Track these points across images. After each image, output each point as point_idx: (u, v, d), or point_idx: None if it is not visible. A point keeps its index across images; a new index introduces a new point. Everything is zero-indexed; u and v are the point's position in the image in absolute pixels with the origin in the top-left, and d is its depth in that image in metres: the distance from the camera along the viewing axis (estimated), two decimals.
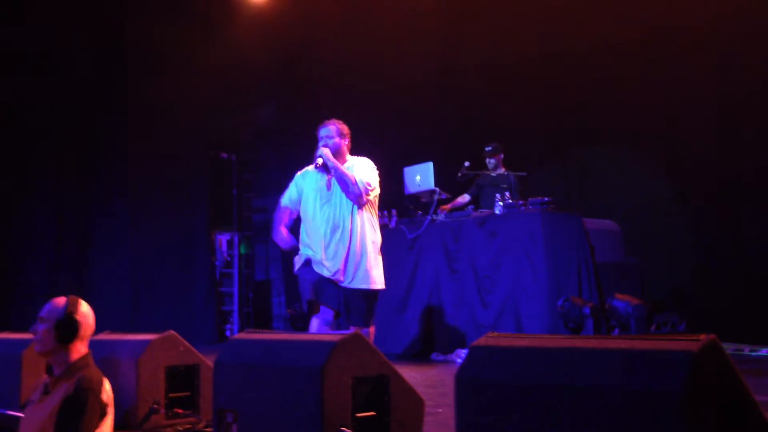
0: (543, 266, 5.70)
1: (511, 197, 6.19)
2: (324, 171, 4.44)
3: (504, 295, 5.87)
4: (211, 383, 2.81)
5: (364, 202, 4.40)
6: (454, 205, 6.80)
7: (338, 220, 4.36)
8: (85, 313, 2.80)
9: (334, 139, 4.43)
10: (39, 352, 2.79)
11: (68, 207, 8.67)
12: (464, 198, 6.91)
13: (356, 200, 4.36)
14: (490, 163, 6.83)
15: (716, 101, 6.84)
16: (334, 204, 4.39)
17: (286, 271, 9.91)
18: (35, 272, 8.35)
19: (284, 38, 9.30)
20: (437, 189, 6.40)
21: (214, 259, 9.60)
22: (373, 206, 4.53)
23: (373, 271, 4.40)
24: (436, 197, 6.42)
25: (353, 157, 4.54)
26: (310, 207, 4.46)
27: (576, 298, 5.52)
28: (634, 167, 7.70)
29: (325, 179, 4.44)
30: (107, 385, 2.73)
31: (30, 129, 8.51)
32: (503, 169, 6.82)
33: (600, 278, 5.95)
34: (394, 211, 6.82)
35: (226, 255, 10.16)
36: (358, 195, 4.34)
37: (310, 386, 2.27)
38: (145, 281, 8.69)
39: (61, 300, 2.80)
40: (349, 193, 4.34)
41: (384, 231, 4.90)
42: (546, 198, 5.93)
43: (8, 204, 8.47)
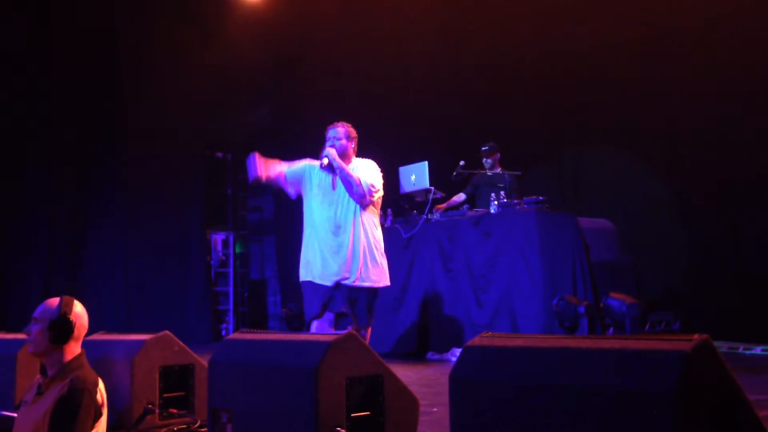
0: (538, 265, 5.70)
1: (507, 196, 6.20)
2: (329, 171, 4.51)
3: (499, 294, 5.87)
4: (205, 383, 2.81)
5: (368, 203, 4.49)
6: (450, 204, 6.80)
7: (341, 220, 4.45)
8: (79, 314, 2.79)
9: (341, 140, 4.52)
10: (33, 353, 2.78)
11: (62, 207, 8.65)
12: (459, 197, 6.92)
13: (359, 200, 4.45)
14: (487, 162, 6.82)
15: (712, 100, 6.84)
16: (338, 204, 4.48)
17: (282, 271, 9.91)
18: (29, 272, 8.33)
19: (280, 38, 9.28)
20: (432, 188, 6.41)
21: (209, 258, 9.59)
22: (376, 207, 4.62)
23: (376, 270, 4.50)
24: (431, 196, 6.42)
25: (358, 159, 4.62)
26: (314, 206, 4.54)
27: (571, 297, 5.52)
28: (628, 166, 7.71)
29: (330, 179, 4.53)
30: (101, 385, 2.72)
31: (23, 129, 8.49)
32: (499, 168, 6.82)
33: (595, 277, 5.96)
34: (389, 211, 6.82)
35: (221, 254, 10.15)
36: (362, 195, 4.43)
37: (304, 387, 2.27)
38: (140, 281, 8.67)
39: (55, 300, 2.79)
40: (353, 194, 4.44)
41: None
42: (541, 197, 5.94)
43: (1, 204, 8.44)
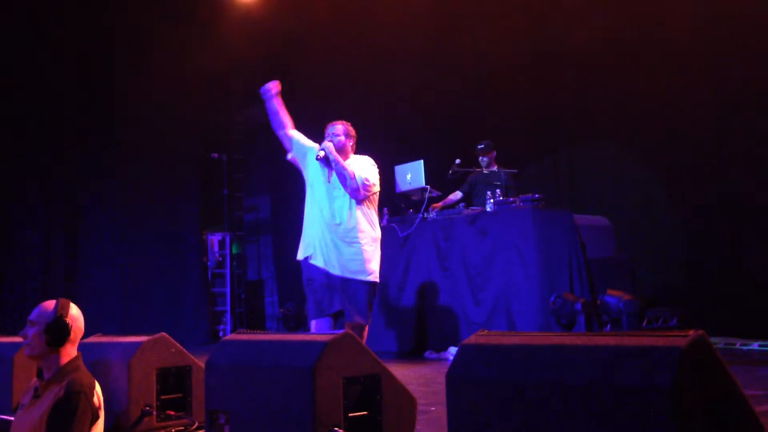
0: (534, 263, 5.71)
1: (503, 194, 6.20)
2: (325, 164, 4.59)
3: (496, 292, 5.88)
4: (203, 385, 2.81)
5: (362, 197, 4.56)
6: (446, 202, 6.80)
7: (335, 213, 4.53)
8: (75, 316, 2.79)
9: (339, 137, 4.62)
10: (29, 356, 2.78)
11: (57, 208, 8.63)
12: (456, 195, 6.91)
13: (353, 194, 4.53)
14: (483, 161, 6.81)
15: (709, 97, 6.86)
16: (333, 197, 4.56)
17: (279, 271, 9.91)
18: (25, 275, 8.31)
19: (275, 37, 9.27)
20: (428, 187, 6.41)
21: (206, 259, 9.57)
22: (372, 202, 4.69)
23: (369, 264, 4.55)
24: (427, 195, 6.42)
25: (355, 156, 4.71)
26: (309, 197, 4.66)
27: (568, 294, 5.53)
28: (624, 163, 7.73)
29: (326, 173, 4.61)
30: (98, 388, 2.72)
31: (23, 129, 8.47)
32: (495, 166, 6.82)
33: (591, 274, 5.97)
34: (385, 210, 6.82)
35: (218, 255, 10.14)
36: (355, 189, 4.51)
37: (301, 387, 2.27)
38: (137, 282, 8.66)
39: (51, 303, 2.78)
40: (347, 187, 4.52)
41: None
42: (537, 195, 5.94)
43: None
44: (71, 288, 8.22)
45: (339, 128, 4.65)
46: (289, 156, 4.76)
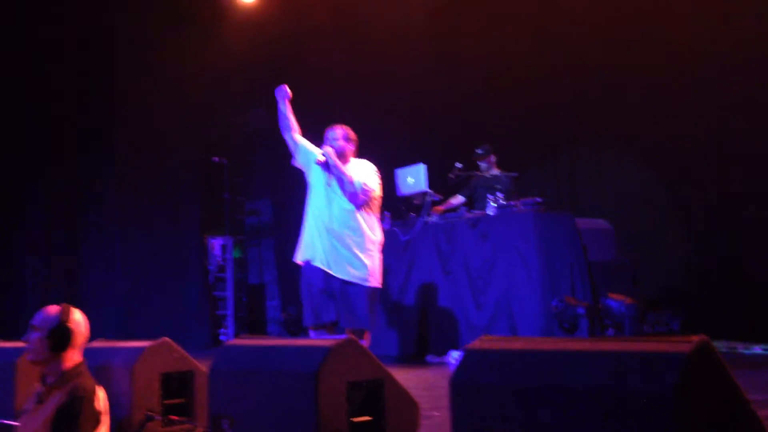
0: (536, 266, 5.71)
1: (504, 198, 6.20)
2: (326, 168, 4.63)
3: (497, 296, 5.88)
4: (205, 389, 2.81)
5: (360, 202, 4.58)
6: (447, 206, 6.80)
7: (334, 218, 4.56)
8: (78, 321, 2.79)
9: (339, 141, 4.67)
10: (32, 361, 2.78)
11: (59, 213, 8.65)
12: (457, 199, 6.91)
13: (351, 199, 4.56)
14: (482, 165, 6.82)
15: (710, 100, 6.86)
16: (332, 201, 4.60)
17: (280, 275, 9.90)
18: (27, 279, 8.32)
19: (275, 40, 9.29)
20: (430, 190, 6.42)
21: (207, 263, 9.57)
22: (372, 207, 4.71)
23: (368, 269, 4.57)
24: (428, 199, 6.43)
25: (356, 160, 4.75)
26: (309, 200, 4.71)
27: (570, 298, 5.53)
28: (625, 167, 7.73)
29: (326, 177, 4.65)
30: (101, 393, 2.72)
31: (23, 129, 8.49)
32: (496, 170, 6.82)
33: (593, 277, 5.96)
34: (387, 214, 6.81)
35: (219, 259, 10.13)
36: (353, 194, 4.55)
37: (304, 392, 2.27)
38: (139, 287, 8.66)
39: (54, 308, 2.78)
40: (345, 192, 4.56)
41: None
42: (538, 198, 5.95)
43: None
44: (73, 292, 8.22)
45: (338, 132, 4.69)
46: (294, 162, 4.81)
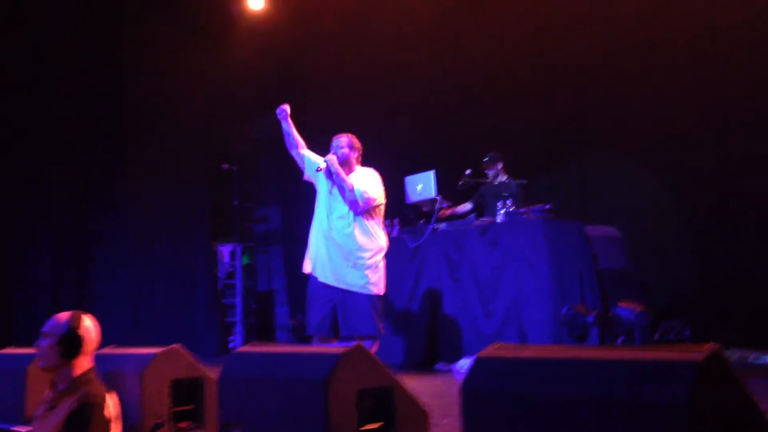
0: (545, 274, 5.68)
1: (513, 205, 6.19)
2: (328, 176, 4.67)
3: (507, 303, 5.85)
4: (215, 396, 2.81)
5: (361, 210, 4.61)
6: (454, 212, 6.78)
7: (333, 226, 4.60)
8: (89, 328, 2.81)
9: (343, 149, 4.71)
10: (43, 368, 2.80)
11: (68, 219, 8.66)
12: (465, 206, 6.89)
13: (352, 207, 4.60)
14: (490, 173, 6.81)
15: (718, 106, 6.84)
16: (333, 209, 4.64)
17: (289, 282, 9.91)
18: (37, 286, 8.34)
19: (283, 47, 9.33)
20: (439, 198, 6.41)
21: (216, 270, 9.59)
22: (374, 215, 4.71)
23: (369, 277, 4.59)
24: (437, 206, 6.42)
25: (360, 168, 4.77)
26: (316, 210, 4.75)
27: (579, 306, 5.50)
28: (634, 174, 7.70)
29: (329, 185, 4.69)
30: (111, 399, 2.73)
31: (23, 135, 8.53)
32: (505, 177, 6.81)
33: (603, 285, 5.93)
34: (396, 221, 6.81)
35: (228, 266, 10.16)
36: (354, 202, 4.58)
37: (314, 399, 2.27)
38: (148, 294, 8.67)
39: (65, 315, 2.80)
40: (346, 199, 4.60)
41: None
42: (547, 205, 5.93)
43: (7, 217, 8.47)
44: (83, 299, 8.24)
45: (343, 140, 4.74)
46: (305, 176, 4.87)
